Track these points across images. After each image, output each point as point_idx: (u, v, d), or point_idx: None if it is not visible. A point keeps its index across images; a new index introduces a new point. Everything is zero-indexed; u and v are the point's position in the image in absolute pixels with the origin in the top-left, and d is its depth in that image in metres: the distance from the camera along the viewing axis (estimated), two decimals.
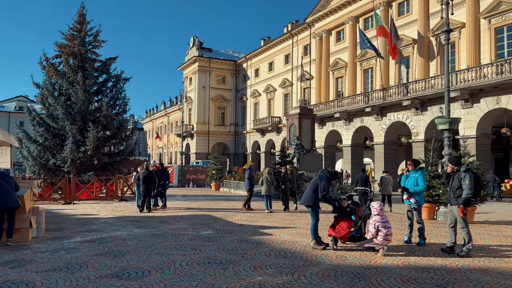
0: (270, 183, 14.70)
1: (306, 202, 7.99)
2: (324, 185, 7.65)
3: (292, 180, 15.66)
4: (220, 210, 15.16)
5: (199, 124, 54.08)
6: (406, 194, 8.32)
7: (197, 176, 34.57)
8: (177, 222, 11.54)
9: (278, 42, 46.92)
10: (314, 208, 7.91)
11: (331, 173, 7.84)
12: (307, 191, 8.08)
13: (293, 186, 15.81)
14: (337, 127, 36.25)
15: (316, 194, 7.82)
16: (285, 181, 15.34)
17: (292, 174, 15.83)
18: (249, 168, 16.21)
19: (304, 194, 8.18)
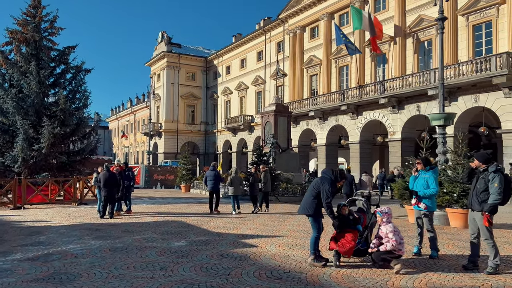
0: (238, 184, 14.12)
1: (306, 211, 6.63)
2: (328, 189, 6.31)
3: (266, 181, 14.90)
4: (193, 215, 13.62)
5: (168, 123, 51.96)
6: (414, 198, 7.12)
7: (165, 176, 32.71)
8: (144, 231, 9.94)
9: (250, 38, 45.59)
10: (315, 218, 6.57)
11: (335, 173, 6.50)
12: (306, 196, 6.73)
13: (267, 187, 15.01)
14: (311, 126, 35.30)
15: (317, 200, 6.48)
16: (254, 182, 14.64)
17: (266, 175, 15.03)
18: (214, 167, 14.89)
19: (303, 200, 6.83)
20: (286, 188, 21.35)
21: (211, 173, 14.39)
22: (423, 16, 27.01)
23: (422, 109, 26.26)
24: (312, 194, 6.57)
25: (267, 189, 15.13)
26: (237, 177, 14.30)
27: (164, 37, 53.98)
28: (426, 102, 25.93)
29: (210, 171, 14.54)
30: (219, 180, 14.50)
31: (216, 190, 14.28)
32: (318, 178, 6.75)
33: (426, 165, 7.15)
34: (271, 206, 16.62)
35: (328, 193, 6.28)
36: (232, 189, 14.03)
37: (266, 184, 14.96)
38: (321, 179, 6.60)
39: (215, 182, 14.14)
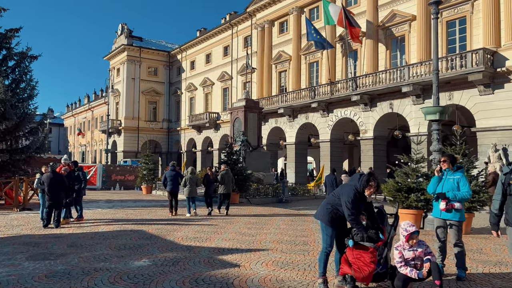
0: (193, 184, 13.62)
1: (318, 216, 5.32)
2: (348, 200, 4.86)
3: (227, 182, 14.31)
4: (156, 222, 11.83)
5: (128, 120, 49.17)
6: (443, 202, 5.69)
7: (125, 177, 30.38)
8: (96, 245, 8.11)
9: (216, 32, 43.76)
10: (327, 226, 5.11)
11: (362, 179, 4.95)
12: (324, 203, 5.38)
13: (228, 188, 14.36)
14: (280, 124, 34.04)
15: (333, 209, 5.08)
16: (208, 183, 14.19)
17: (227, 175, 14.47)
18: (173, 167, 14.18)
19: (320, 206, 5.41)
20: (258, 189, 19.91)
21: (171, 173, 13.77)
22: (396, 12, 26.33)
23: (395, 106, 25.57)
24: (329, 200, 5.25)
25: (227, 191, 14.32)
26: (193, 177, 13.75)
27: (125, 29, 51.12)
28: (399, 100, 25.25)
29: (170, 171, 13.94)
30: (180, 180, 13.84)
31: (176, 191, 13.74)
32: (343, 185, 5.34)
33: (453, 164, 5.77)
34: (243, 209, 15.11)
35: (348, 206, 4.82)
36: (187, 190, 13.44)
37: (225, 185, 14.23)
38: (342, 187, 5.19)
39: (174, 183, 13.58)
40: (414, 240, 4.75)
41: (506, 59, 20.43)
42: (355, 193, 4.88)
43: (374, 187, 4.88)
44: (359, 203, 4.90)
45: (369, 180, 4.86)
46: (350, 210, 4.81)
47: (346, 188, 5.01)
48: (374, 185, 4.88)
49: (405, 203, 10.24)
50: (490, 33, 21.29)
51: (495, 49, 20.85)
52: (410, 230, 4.75)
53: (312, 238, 9.02)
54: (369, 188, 4.86)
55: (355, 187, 4.92)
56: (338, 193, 5.12)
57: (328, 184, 14.08)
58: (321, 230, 5.19)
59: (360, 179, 4.96)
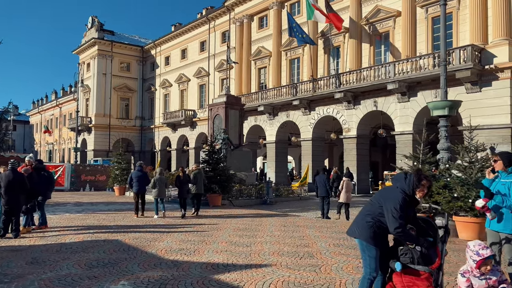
0: (162, 185, 13.21)
1: (354, 232, 4.12)
2: (395, 207, 3.77)
3: (199, 182, 13.98)
4: (132, 229, 10.48)
5: (99, 117, 46.91)
6: (482, 201, 4.63)
7: (95, 177, 28.52)
8: (61, 262, 6.74)
9: (193, 27, 42.21)
10: (368, 244, 3.97)
11: (411, 178, 3.88)
12: (361, 214, 4.18)
13: (199, 188, 14.04)
14: (260, 122, 32.96)
15: (375, 222, 3.94)
16: (180, 184, 13.64)
17: (199, 175, 14.15)
18: (140, 167, 13.81)
19: (355, 219, 4.25)
20: (241, 190, 18.75)
21: (137, 173, 13.40)
22: (380, 7, 25.70)
23: (379, 104, 24.92)
24: (368, 211, 4.06)
25: (199, 191, 14.03)
26: (161, 178, 13.32)
27: (95, 22, 48.84)
28: (383, 97, 24.61)
29: (137, 171, 13.57)
30: (146, 181, 13.52)
31: (143, 192, 13.39)
32: (383, 189, 4.22)
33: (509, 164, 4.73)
34: (227, 212, 13.91)
35: (395, 214, 3.72)
36: (156, 191, 13.07)
37: (197, 185, 13.91)
38: (385, 190, 4.06)
39: (141, 184, 13.21)
40: (488, 267, 3.68)
41: (494, 56, 20.05)
42: (404, 197, 3.79)
43: (427, 188, 3.83)
44: (408, 210, 3.83)
45: (420, 178, 3.79)
46: (397, 220, 3.72)
47: (390, 192, 3.92)
48: (426, 185, 3.82)
49: None
50: (477, 30, 20.88)
51: (482, 46, 20.45)
52: (484, 255, 3.65)
53: (315, 248, 7.94)
54: (421, 189, 3.80)
55: (402, 189, 3.83)
56: (378, 199, 4.01)
57: (320, 185, 13.07)
58: (361, 251, 4.06)
59: (407, 178, 3.88)
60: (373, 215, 3.96)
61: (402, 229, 3.73)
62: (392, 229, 3.78)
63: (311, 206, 17.70)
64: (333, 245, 8.28)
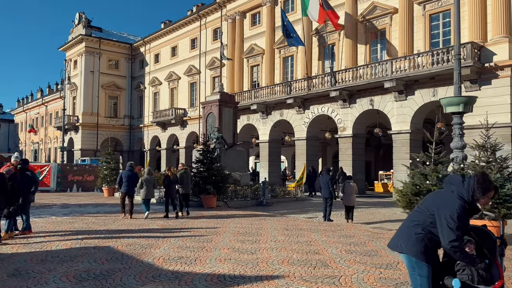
0: (150, 186, 13.01)
1: (399, 246, 3.45)
2: (453, 216, 3.13)
3: (186, 182, 13.90)
4: (125, 233, 9.72)
5: (86, 115, 45.73)
6: None
7: (83, 177, 27.53)
8: (47, 273, 5.99)
9: (183, 24, 41.34)
10: (420, 262, 3.32)
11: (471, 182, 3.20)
12: (406, 225, 3.52)
13: (186, 188, 14.00)
14: (252, 121, 32.29)
15: (426, 234, 3.31)
16: (168, 184, 13.36)
17: (186, 174, 14.10)
18: (130, 167, 13.51)
19: (400, 227, 3.59)
20: (235, 190, 18.06)
21: (127, 173, 13.17)
22: (376, 4, 25.24)
23: (375, 103, 24.45)
24: (416, 220, 3.40)
25: (186, 191, 13.98)
26: (150, 178, 13.12)
27: (82, 18, 47.62)
28: (380, 96, 24.15)
29: (127, 171, 13.32)
30: (136, 182, 13.25)
31: (131, 193, 13.08)
32: (434, 193, 3.56)
33: None
34: (223, 215, 13.21)
35: (451, 224, 3.10)
36: (144, 192, 12.90)
37: (184, 185, 13.82)
38: (438, 195, 3.42)
39: (130, 184, 12.98)
40: None
41: (493, 54, 19.70)
42: (463, 204, 3.16)
43: (492, 194, 3.21)
44: (466, 221, 3.21)
45: (488, 186, 3.17)
46: (453, 232, 3.10)
47: (445, 198, 3.28)
48: (492, 193, 3.20)
49: None
50: (476, 27, 20.52)
51: (482, 43, 20.09)
52: None
53: (327, 255, 7.31)
54: (488, 196, 3.18)
55: (460, 195, 3.20)
56: (428, 206, 3.36)
57: (323, 186, 12.45)
58: (409, 268, 3.41)
59: (466, 181, 3.24)
60: (423, 225, 3.31)
61: (458, 244, 3.11)
62: (446, 242, 3.14)
63: (309, 208, 17.11)
64: (345, 251, 7.66)
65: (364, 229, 10.67)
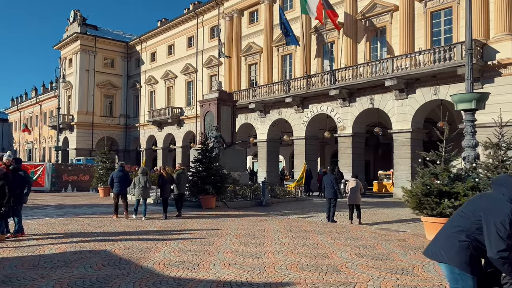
0: (144, 186, 12.73)
1: (439, 255, 3.05)
2: (508, 221, 2.76)
3: (179, 182, 13.66)
4: (122, 236, 9.30)
5: (81, 115, 45.13)
6: None
7: (78, 177, 27.01)
8: (40, 280, 5.57)
9: (180, 22, 40.85)
10: (465, 273, 2.93)
11: None
12: (447, 231, 3.11)
13: (181, 188, 13.81)
14: (250, 120, 31.88)
15: (471, 243, 2.92)
16: (162, 183, 13.19)
17: (183, 175, 13.98)
18: (122, 167, 13.48)
19: (438, 233, 3.21)
20: (235, 191, 17.65)
21: (118, 173, 13.06)
22: (376, 1, 24.92)
23: (376, 102, 24.13)
24: (459, 226, 3.00)
25: (181, 191, 13.79)
26: (144, 178, 12.84)
27: (77, 16, 47.02)
28: (380, 95, 23.84)
29: (118, 171, 13.23)
30: (128, 182, 13.22)
31: (124, 193, 13.02)
32: (480, 196, 3.16)
33: None
34: (222, 215, 12.81)
35: (502, 232, 2.73)
36: (137, 191, 12.71)
37: (179, 185, 13.63)
38: (485, 199, 3.02)
39: (122, 184, 12.88)
40: None
41: (496, 51, 19.42)
42: None
43: None
44: None
45: None
46: (503, 241, 2.71)
47: (493, 202, 2.88)
48: None
49: (435, 210, 8.41)
50: (478, 25, 20.21)
51: (484, 41, 19.80)
52: None
53: (337, 259, 6.93)
54: None
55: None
56: (473, 211, 2.97)
57: (327, 186, 12.04)
58: (451, 280, 3.01)
59: None
60: (468, 232, 2.92)
61: (508, 254, 2.72)
62: (493, 252, 2.75)
63: (310, 208, 16.74)
64: (355, 255, 7.28)
65: (370, 231, 10.31)
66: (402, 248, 7.90)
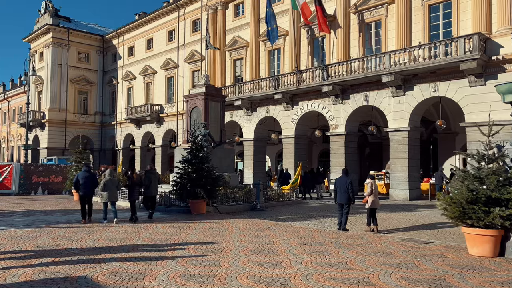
0: (114, 188, 12.14)
1: None
2: None
3: (148, 183, 13.05)
4: (104, 253, 7.58)
5: (53, 112, 42.40)
6: None
7: (49, 178, 24.78)
8: None
9: (160, 15, 38.81)
10: None
11: None
12: None
13: (151, 191, 13.20)
14: (236, 118, 30.28)
15: None
16: (132, 185, 12.64)
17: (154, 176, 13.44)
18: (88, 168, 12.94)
19: None
20: (226, 194, 16.08)
21: (84, 174, 12.36)
22: None
23: (371, 99, 22.97)
24: None
25: (151, 193, 13.26)
26: (112, 180, 12.26)
27: (49, 7, 44.25)
28: (375, 91, 22.69)
29: (84, 172, 12.51)
30: (94, 183, 12.63)
31: (90, 195, 12.49)
32: None
33: None
34: (217, 223, 11.22)
35: None
36: (106, 195, 11.95)
37: (149, 187, 13.06)
38: None
39: (88, 186, 12.28)
40: None
41: (500, 46, 18.49)
42: None
43: None
44: None
45: None
46: None
47: None
48: None
49: (483, 220, 7.10)
50: (480, 18, 19.28)
51: (487, 35, 18.87)
52: None
53: (386, 287, 5.49)
54: None
55: None
56: None
57: (340, 190, 10.62)
58: None
59: None
60: None
61: None
62: None
63: (310, 213, 15.35)
64: (402, 279, 5.87)
65: (395, 242, 8.95)
66: (452, 269, 6.53)
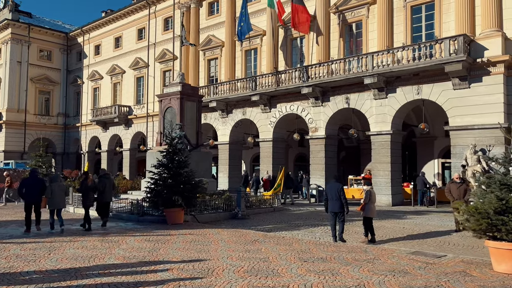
0: (61, 194, 11.61)
1: None
2: None
3: (107, 189, 12.55)
4: (71, 279, 6.20)
5: (11, 112, 39.48)
6: None
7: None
8: None
9: (129, 12, 36.96)
10: None
11: None
12: None
13: (106, 196, 12.62)
14: (210, 120, 28.97)
15: None
16: (86, 190, 12.13)
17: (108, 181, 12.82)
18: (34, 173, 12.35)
19: None
20: (204, 201, 14.81)
21: (30, 180, 11.59)
22: None
23: (352, 101, 22.29)
24: None
25: (105, 199, 12.67)
26: (59, 185, 11.72)
27: (9, 2, 41.36)
28: (357, 93, 22.03)
29: (30, 177, 11.83)
30: (42, 190, 11.54)
31: (36, 202, 11.54)
32: None
33: None
34: (198, 234, 9.97)
35: None
36: (52, 201, 11.42)
37: (104, 193, 12.47)
38: None
39: (34, 193, 11.35)
40: None
41: (485, 48, 18.18)
42: None
43: None
44: None
45: None
46: None
47: None
48: None
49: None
50: (463, 20, 18.97)
51: (472, 37, 18.56)
52: None
53: None
54: None
55: None
56: None
57: (332, 198, 9.58)
58: None
59: None
60: None
61: None
62: None
63: (296, 221, 14.30)
64: None
65: (405, 257, 8.00)
66: None
